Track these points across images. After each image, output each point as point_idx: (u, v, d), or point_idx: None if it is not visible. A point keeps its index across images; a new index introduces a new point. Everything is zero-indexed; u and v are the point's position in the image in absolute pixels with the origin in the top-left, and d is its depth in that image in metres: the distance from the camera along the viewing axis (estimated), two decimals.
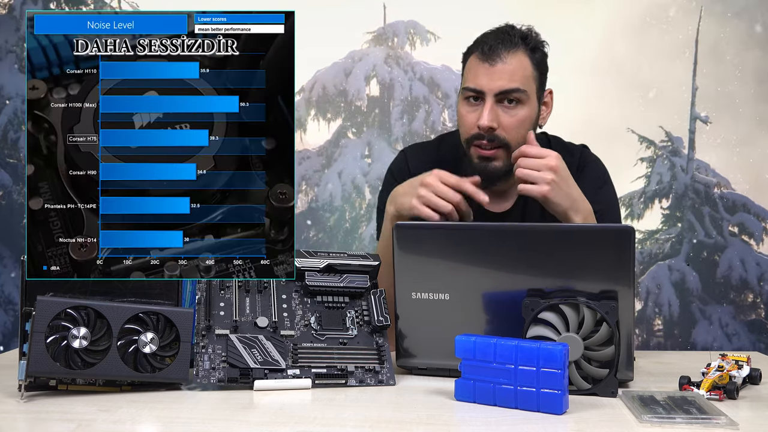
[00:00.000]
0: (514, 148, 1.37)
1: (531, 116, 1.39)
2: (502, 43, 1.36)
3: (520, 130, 1.37)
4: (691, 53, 2.83)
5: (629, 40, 2.84)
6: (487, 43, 1.37)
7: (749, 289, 2.82)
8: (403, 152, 1.57)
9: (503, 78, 1.35)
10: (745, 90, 2.82)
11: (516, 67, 1.36)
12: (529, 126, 1.39)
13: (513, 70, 1.35)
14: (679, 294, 2.82)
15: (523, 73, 1.36)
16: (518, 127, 1.37)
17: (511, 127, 1.36)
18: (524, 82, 1.36)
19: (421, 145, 1.60)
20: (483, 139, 1.36)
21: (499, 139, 1.36)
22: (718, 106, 2.83)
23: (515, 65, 1.36)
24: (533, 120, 1.40)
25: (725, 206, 2.85)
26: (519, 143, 1.38)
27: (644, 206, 2.88)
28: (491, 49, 1.36)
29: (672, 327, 2.83)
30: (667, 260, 2.85)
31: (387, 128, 2.95)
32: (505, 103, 1.36)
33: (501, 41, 1.36)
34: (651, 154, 2.86)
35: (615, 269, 1.02)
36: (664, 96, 2.84)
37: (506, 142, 1.37)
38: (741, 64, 2.81)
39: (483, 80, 1.36)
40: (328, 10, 2.86)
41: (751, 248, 2.84)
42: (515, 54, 1.36)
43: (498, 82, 1.35)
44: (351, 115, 2.97)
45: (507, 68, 1.35)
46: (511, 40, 1.37)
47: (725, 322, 2.81)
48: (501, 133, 1.36)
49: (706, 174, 2.86)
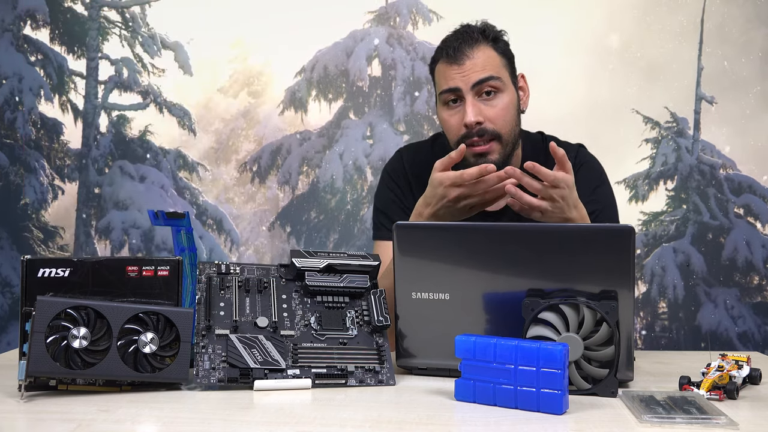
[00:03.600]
0: (505, 137, 1.37)
1: (512, 102, 1.39)
2: (464, 42, 1.38)
3: (506, 118, 1.37)
4: (697, 33, 2.78)
5: (634, 19, 2.79)
6: (450, 46, 1.39)
7: (755, 271, 2.81)
8: (399, 152, 1.57)
9: (475, 71, 1.36)
10: (751, 70, 2.79)
11: (484, 60, 1.37)
12: (514, 111, 1.39)
13: (482, 62, 1.37)
14: (684, 276, 2.82)
15: (492, 62, 1.38)
16: (504, 116, 1.37)
17: (496, 117, 1.36)
18: (496, 70, 1.38)
19: (416, 146, 1.60)
20: (473, 136, 1.36)
21: (489, 132, 1.36)
22: (724, 87, 2.80)
23: (482, 57, 1.37)
24: (515, 105, 1.41)
25: (731, 188, 2.83)
26: (508, 132, 1.38)
27: (649, 188, 2.86)
28: (456, 50, 1.37)
29: (677, 309, 2.83)
30: (672, 242, 2.84)
31: (389, 109, 2.92)
32: (483, 96, 1.37)
33: (462, 40, 1.38)
34: (656, 135, 2.83)
35: (615, 269, 1.02)
36: (670, 76, 2.80)
37: (496, 132, 1.36)
38: (747, 43, 2.77)
39: (456, 79, 1.37)
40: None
41: (756, 230, 2.83)
42: (479, 48, 1.38)
43: (471, 76, 1.36)
44: (352, 96, 2.94)
45: (477, 62, 1.37)
46: (471, 36, 1.39)
47: (731, 305, 2.81)
48: (489, 126, 1.36)
49: (711, 155, 2.84)
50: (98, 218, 2.93)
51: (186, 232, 1.17)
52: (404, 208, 1.48)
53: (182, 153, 2.96)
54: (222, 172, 2.97)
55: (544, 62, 2.53)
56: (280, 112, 2.96)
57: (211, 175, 2.97)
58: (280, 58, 2.93)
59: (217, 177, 2.97)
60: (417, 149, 1.56)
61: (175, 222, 1.16)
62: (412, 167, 1.51)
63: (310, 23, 2.86)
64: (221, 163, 2.98)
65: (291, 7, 2.86)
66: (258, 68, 2.95)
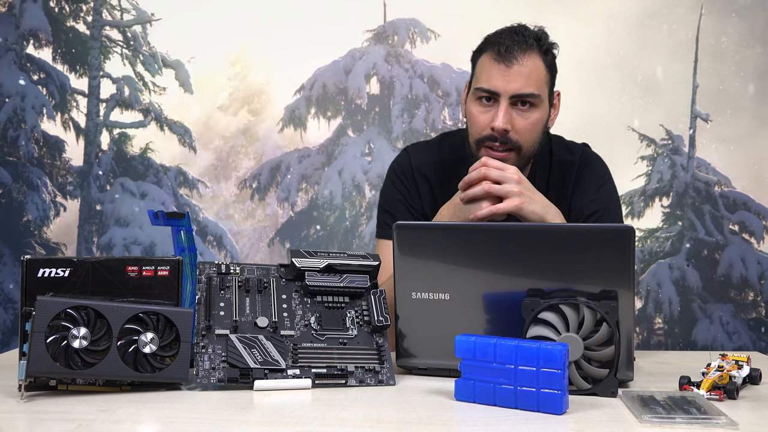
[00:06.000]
0: (525, 150, 1.36)
1: (543, 119, 1.37)
2: (518, 45, 1.33)
3: (533, 133, 1.35)
4: (692, 50, 2.82)
5: (630, 37, 2.83)
6: (502, 44, 1.34)
7: (750, 287, 2.82)
8: (406, 151, 1.56)
9: (519, 81, 1.32)
10: (746, 88, 2.82)
11: (531, 70, 1.33)
12: (541, 128, 1.38)
13: (529, 72, 1.33)
14: (680, 292, 2.82)
15: (537, 76, 1.34)
16: (531, 130, 1.35)
17: (525, 129, 1.35)
18: (539, 86, 1.34)
19: (423, 144, 1.59)
20: (495, 140, 1.35)
21: (512, 142, 1.35)
22: (719, 104, 2.82)
23: (531, 68, 1.33)
24: (544, 123, 1.39)
25: (726, 204, 2.85)
26: (530, 146, 1.37)
27: (645, 205, 2.88)
28: (507, 50, 1.33)
29: (673, 325, 2.83)
30: (667, 259, 2.85)
31: (387, 126, 2.95)
32: (519, 105, 1.34)
33: (516, 42, 1.33)
34: (651, 152, 2.85)
35: (615, 269, 1.02)
36: (665, 94, 2.83)
37: (519, 144, 1.35)
38: (742, 61, 2.81)
39: (498, 81, 1.33)
40: (328, 7, 2.86)
41: (751, 246, 2.84)
42: (530, 56, 1.34)
43: (514, 85, 1.33)
44: (351, 114, 2.96)
45: (523, 70, 1.33)
46: (526, 41, 1.34)
47: (726, 321, 2.81)
48: (514, 136, 1.35)
49: (706, 172, 2.86)
50: (100, 235, 2.93)
51: (186, 232, 1.17)
52: (410, 207, 1.48)
53: (183, 170, 2.98)
54: (222, 189, 2.99)
55: None
56: (279, 129, 2.98)
57: (211, 192, 2.98)
58: (280, 76, 2.96)
59: (217, 194, 2.99)
60: (424, 149, 1.54)
61: (175, 222, 1.16)
62: (419, 166, 1.49)
63: (310, 42, 2.90)
64: (221, 180, 2.99)
65: (290, 26, 2.89)
66: (258, 86, 2.98)
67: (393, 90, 2.95)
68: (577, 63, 2.74)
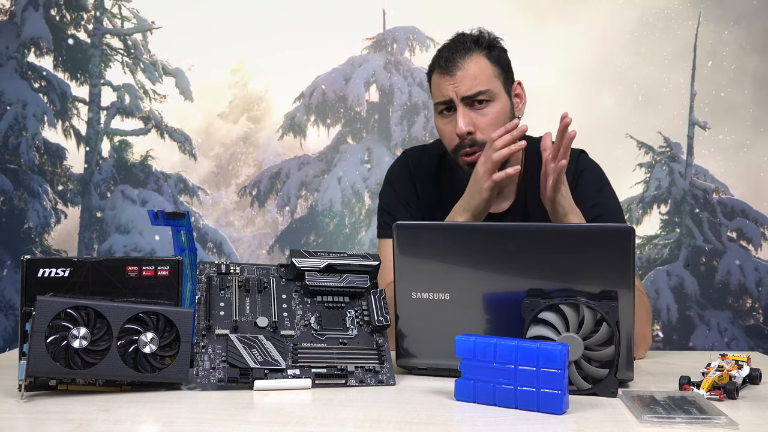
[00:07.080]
0: None
1: (504, 111, 1.41)
2: (457, 52, 1.40)
3: (496, 126, 1.38)
4: (690, 59, 2.84)
5: (628, 45, 2.85)
6: (443, 57, 1.41)
7: (748, 294, 2.82)
8: (404, 153, 1.59)
9: (465, 83, 1.38)
10: (743, 95, 2.84)
11: (475, 71, 1.39)
12: (505, 120, 1.41)
13: (474, 73, 1.39)
14: (678, 299, 2.83)
15: (484, 73, 1.39)
16: (494, 125, 1.39)
17: (487, 125, 1.38)
18: (487, 81, 1.39)
19: (421, 147, 1.62)
20: (465, 146, 1.39)
21: (479, 143, 1.38)
22: (717, 112, 2.84)
23: (474, 68, 1.39)
24: (507, 113, 1.42)
25: (724, 212, 2.85)
26: None
27: (643, 212, 2.88)
28: (447, 61, 1.39)
29: (671, 332, 2.83)
30: (665, 265, 2.85)
31: (386, 134, 2.96)
32: (475, 105, 1.39)
33: (454, 50, 1.40)
34: (650, 159, 2.86)
35: (615, 269, 1.02)
36: (663, 101, 2.85)
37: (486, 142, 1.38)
38: (739, 69, 2.83)
39: (447, 90, 1.39)
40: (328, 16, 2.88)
41: (749, 253, 2.84)
42: (471, 57, 1.40)
43: (462, 88, 1.38)
44: (350, 121, 2.98)
45: (468, 73, 1.38)
46: (464, 46, 1.40)
47: (724, 327, 2.81)
48: (479, 136, 1.39)
49: (704, 179, 2.87)
50: (100, 242, 2.94)
51: (186, 232, 1.17)
52: (408, 207, 1.50)
53: (183, 177, 2.99)
54: (222, 196, 2.99)
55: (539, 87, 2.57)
56: (279, 137, 2.99)
57: (212, 199, 2.99)
58: (280, 84, 2.98)
59: (217, 201, 2.99)
60: (423, 151, 1.58)
61: (175, 222, 1.16)
62: (417, 168, 1.53)
63: (309, 50, 2.91)
64: (221, 187, 3.00)
65: (290, 35, 2.91)
66: (257, 94, 3.00)
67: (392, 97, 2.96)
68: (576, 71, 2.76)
